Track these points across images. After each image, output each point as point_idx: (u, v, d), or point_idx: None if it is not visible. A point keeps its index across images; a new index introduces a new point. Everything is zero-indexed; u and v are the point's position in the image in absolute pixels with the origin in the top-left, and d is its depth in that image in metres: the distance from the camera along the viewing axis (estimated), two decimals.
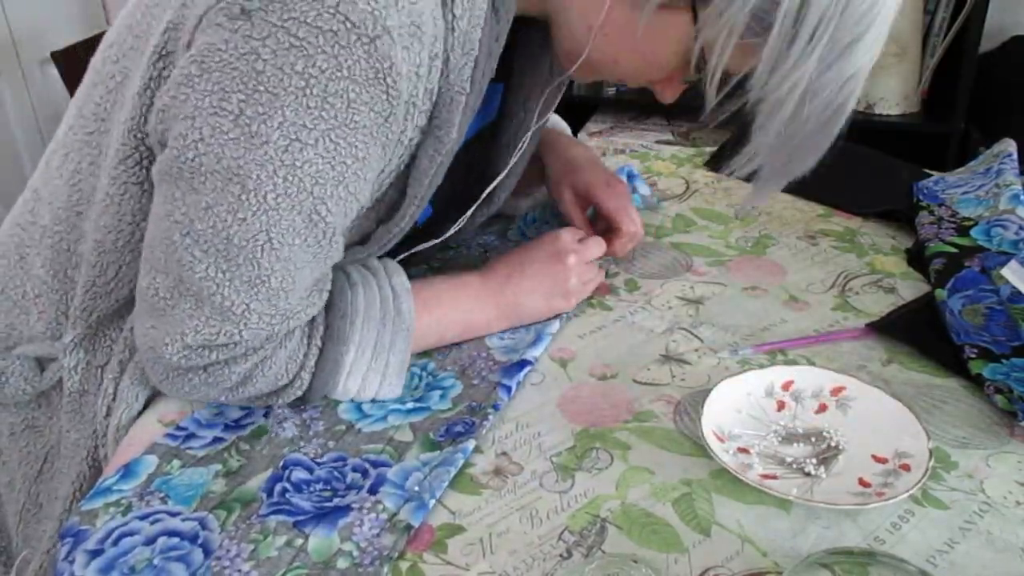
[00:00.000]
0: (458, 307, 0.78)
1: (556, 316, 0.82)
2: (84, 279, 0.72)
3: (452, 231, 0.81)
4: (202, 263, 0.61)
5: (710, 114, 0.65)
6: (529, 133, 0.82)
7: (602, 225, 0.92)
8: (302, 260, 0.63)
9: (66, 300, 0.75)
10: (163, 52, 0.63)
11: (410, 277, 0.75)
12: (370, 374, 0.70)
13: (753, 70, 0.62)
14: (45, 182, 0.74)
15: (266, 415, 0.70)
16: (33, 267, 0.76)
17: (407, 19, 0.58)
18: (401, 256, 0.79)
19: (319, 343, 0.68)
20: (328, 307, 0.69)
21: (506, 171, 0.82)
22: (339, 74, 0.57)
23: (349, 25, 0.56)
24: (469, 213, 0.82)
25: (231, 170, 0.58)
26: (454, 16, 0.63)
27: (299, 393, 0.69)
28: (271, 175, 0.58)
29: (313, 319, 0.68)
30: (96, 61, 0.71)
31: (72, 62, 1.42)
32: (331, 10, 0.55)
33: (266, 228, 0.60)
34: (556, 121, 1.05)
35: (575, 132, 2.46)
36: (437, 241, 0.81)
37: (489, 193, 0.83)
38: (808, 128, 0.64)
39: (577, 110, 2.41)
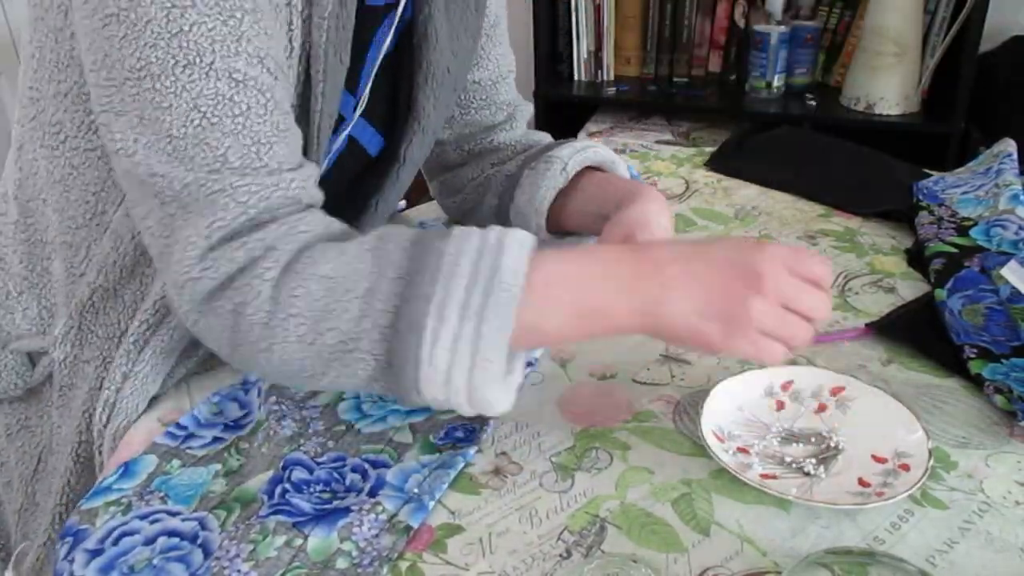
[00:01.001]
0: (570, 279, 0.60)
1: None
2: (59, 264, 0.73)
3: (361, 102, 0.76)
4: (164, 177, 0.59)
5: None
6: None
7: None
8: (259, 133, 0.60)
9: (46, 293, 0.76)
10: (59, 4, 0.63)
11: None
12: (460, 345, 0.56)
13: None
14: (8, 179, 0.76)
15: (262, 410, 0.70)
16: (12, 265, 0.77)
17: None
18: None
19: (392, 298, 0.57)
20: (408, 258, 0.58)
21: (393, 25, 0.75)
22: None
23: None
24: (369, 82, 0.76)
25: (136, 69, 0.58)
26: None
27: (371, 361, 0.58)
28: (167, 51, 0.57)
29: (384, 268, 0.58)
30: (23, 52, 0.71)
31: None
32: None
33: (194, 104, 0.58)
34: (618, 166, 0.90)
35: (575, 132, 2.47)
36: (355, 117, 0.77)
37: (416, 108, 0.81)
38: None
39: (577, 110, 2.41)
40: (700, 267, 0.59)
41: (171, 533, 0.59)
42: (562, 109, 2.37)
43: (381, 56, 0.78)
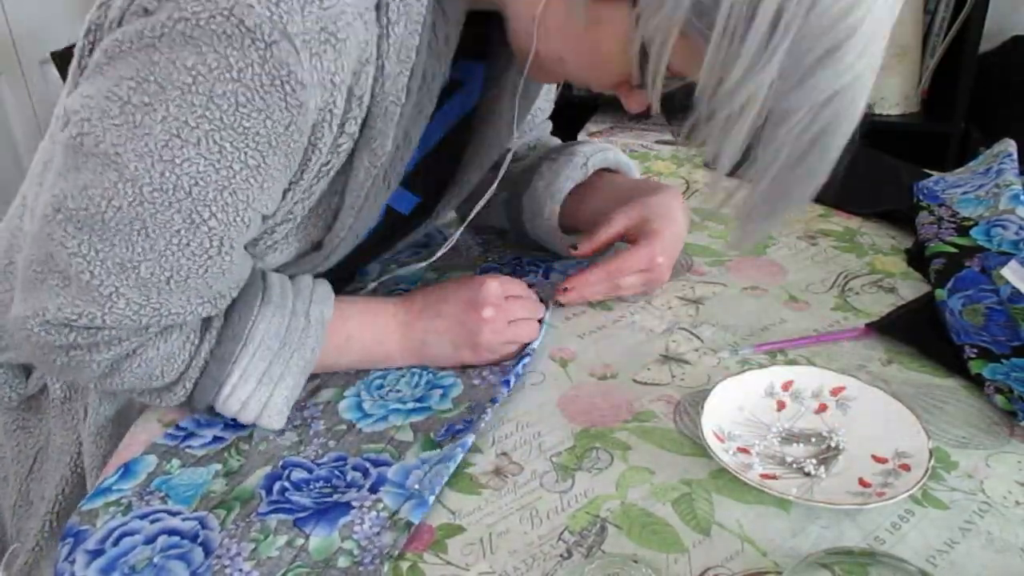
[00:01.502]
0: (363, 335, 0.74)
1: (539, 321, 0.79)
2: None
3: (418, 234, 0.81)
4: (75, 239, 0.59)
5: (672, 127, 0.62)
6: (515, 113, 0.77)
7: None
8: (185, 265, 0.61)
9: None
10: (84, 52, 0.63)
11: (397, 276, 0.72)
12: (251, 402, 0.68)
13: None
14: (29, 188, 0.75)
15: None
16: (8, 314, 0.76)
17: (316, 24, 0.56)
18: (392, 261, 0.77)
19: (206, 357, 0.66)
20: (226, 322, 0.67)
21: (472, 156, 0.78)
22: (228, 75, 0.55)
23: (243, 29, 0.54)
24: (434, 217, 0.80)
25: (110, 155, 0.57)
26: (388, 21, 0.60)
27: (181, 400, 0.68)
28: (148, 168, 0.57)
29: (207, 329, 0.66)
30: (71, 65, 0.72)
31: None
32: (224, 12, 0.54)
33: (142, 219, 0.58)
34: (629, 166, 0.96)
35: (575, 132, 2.47)
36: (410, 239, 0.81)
37: (461, 174, 0.81)
38: (784, 157, 0.56)
39: (577, 110, 2.41)
40: (446, 308, 0.75)
41: (171, 532, 0.59)
42: (562, 109, 2.35)
43: (441, 136, 0.78)
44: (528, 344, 0.77)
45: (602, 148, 0.92)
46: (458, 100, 0.78)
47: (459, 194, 0.84)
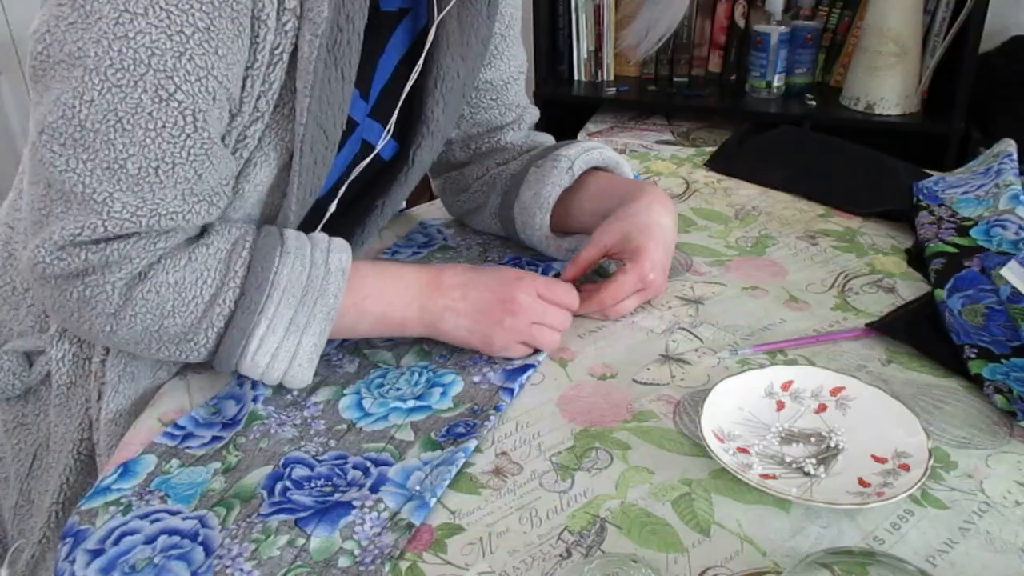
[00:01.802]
0: (381, 297, 0.74)
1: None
2: None
3: (382, 142, 0.80)
4: (61, 156, 0.61)
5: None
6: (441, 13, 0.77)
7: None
8: (167, 150, 0.62)
9: None
10: None
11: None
12: (280, 352, 0.69)
13: None
14: (24, 177, 0.76)
15: (259, 404, 0.70)
16: (20, 261, 0.77)
17: None
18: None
19: (230, 306, 0.67)
20: (248, 272, 0.67)
21: (426, 56, 0.77)
22: None
23: None
24: (394, 117, 0.79)
25: (73, 55, 0.60)
26: None
27: (204, 352, 0.69)
28: (107, 50, 0.59)
29: (226, 280, 0.67)
30: None
31: None
32: None
33: (114, 107, 0.60)
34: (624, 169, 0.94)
35: (575, 132, 2.46)
36: (373, 155, 0.80)
37: (426, 108, 0.82)
38: None
39: (577, 110, 2.41)
40: (473, 293, 0.75)
41: (172, 532, 0.59)
42: (562, 109, 2.37)
43: (396, 63, 0.79)
44: (537, 352, 0.77)
45: (587, 148, 0.91)
46: (406, 26, 0.79)
47: (428, 136, 0.84)
